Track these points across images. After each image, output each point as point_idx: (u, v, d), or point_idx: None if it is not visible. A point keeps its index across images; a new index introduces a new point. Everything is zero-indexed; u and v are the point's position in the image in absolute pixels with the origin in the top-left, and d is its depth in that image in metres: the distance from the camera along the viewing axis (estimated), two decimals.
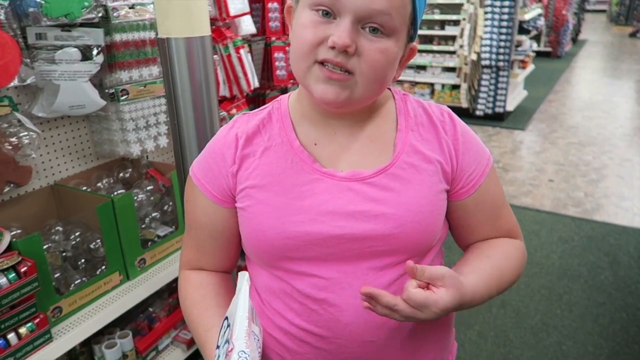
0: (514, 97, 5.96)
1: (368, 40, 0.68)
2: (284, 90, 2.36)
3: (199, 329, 0.81)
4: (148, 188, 1.72)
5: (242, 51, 1.89)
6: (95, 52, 1.42)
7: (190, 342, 1.74)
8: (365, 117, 0.80)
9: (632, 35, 13.12)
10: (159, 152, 1.93)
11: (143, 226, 1.67)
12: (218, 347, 0.68)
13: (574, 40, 11.62)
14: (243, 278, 0.68)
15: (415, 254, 0.78)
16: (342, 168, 0.77)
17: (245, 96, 2.04)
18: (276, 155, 0.78)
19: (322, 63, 0.70)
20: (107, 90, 1.52)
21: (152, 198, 1.73)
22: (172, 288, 1.84)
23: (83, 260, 1.51)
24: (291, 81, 2.36)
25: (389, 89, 0.85)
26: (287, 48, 2.30)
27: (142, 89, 1.58)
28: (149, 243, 1.65)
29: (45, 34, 1.32)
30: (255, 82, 2.00)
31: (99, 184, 1.69)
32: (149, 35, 1.56)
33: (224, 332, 0.68)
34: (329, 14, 0.69)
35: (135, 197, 1.64)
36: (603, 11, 17.76)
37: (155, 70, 1.61)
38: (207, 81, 1.33)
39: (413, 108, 0.82)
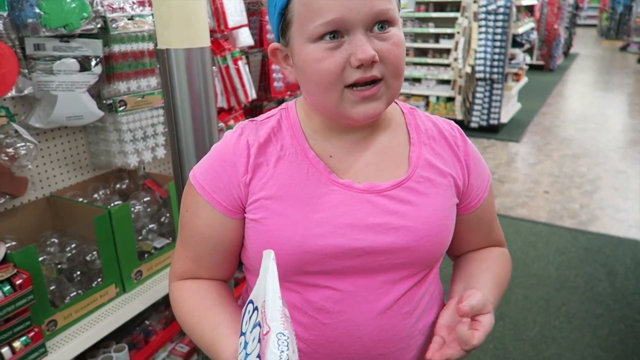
0: (508, 110, 6.00)
1: (381, 40, 0.68)
2: (281, 102, 2.36)
3: (203, 331, 0.76)
4: (145, 199, 1.70)
5: (240, 63, 1.89)
6: (93, 63, 1.41)
7: (188, 355, 1.72)
8: (378, 130, 0.80)
9: (623, 49, 13.30)
10: (156, 163, 1.92)
11: (140, 238, 1.66)
12: (243, 334, 0.63)
13: (566, 54, 11.77)
14: (269, 256, 0.62)
15: (427, 266, 0.79)
16: (359, 180, 0.76)
17: (243, 107, 2.04)
18: (291, 165, 0.76)
19: (350, 86, 0.69)
20: (105, 101, 1.52)
21: (149, 209, 1.71)
22: (168, 300, 1.81)
23: (78, 273, 1.49)
24: (288, 93, 2.37)
25: (396, 102, 0.84)
26: None
27: (140, 100, 1.57)
28: (146, 255, 1.63)
29: (43, 45, 1.32)
30: (252, 94, 2.00)
31: (95, 195, 1.67)
32: (147, 46, 1.56)
33: (250, 317, 0.62)
34: (335, 36, 0.67)
35: (132, 209, 1.63)
36: (594, 25, 18.02)
37: (153, 81, 1.61)
38: (207, 92, 1.33)
39: (422, 122, 0.83)
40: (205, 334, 0.75)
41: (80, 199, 1.60)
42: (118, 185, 1.75)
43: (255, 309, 0.62)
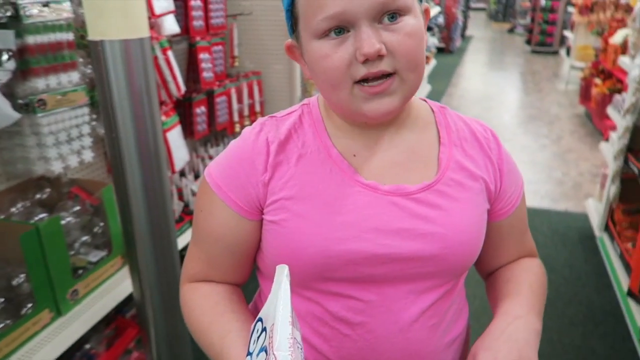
0: (421, 91, 6.23)
1: (391, 32, 0.63)
2: (211, 93, 2.23)
3: (212, 338, 0.70)
4: (74, 209, 1.52)
5: (169, 53, 1.74)
6: (5, 57, 1.21)
7: None
8: (404, 128, 0.74)
9: (510, 31, 14.36)
10: (81, 168, 1.73)
11: (72, 253, 1.48)
12: (250, 354, 0.57)
13: (463, 36, 12.45)
14: (282, 272, 0.57)
15: (455, 276, 0.75)
16: (385, 181, 0.71)
17: (174, 101, 1.89)
18: (313, 164, 0.70)
19: (360, 82, 0.64)
20: (20, 101, 1.31)
21: (79, 220, 1.53)
22: (109, 319, 1.65)
23: (2, 300, 1.30)
24: (217, 83, 2.24)
25: (426, 101, 0.80)
26: (212, 48, 2.17)
27: (61, 98, 1.39)
28: (80, 271, 1.46)
29: None
30: (183, 86, 1.86)
31: (13, 209, 1.46)
32: (66, 36, 1.37)
33: (257, 337, 0.57)
34: (341, 31, 0.63)
35: (61, 221, 1.45)
36: (483, 9, 19.28)
37: (75, 76, 1.42)
38: (148, 87, 1.20)
39: (454, 122, 0.78)
40: (214, 341, 0.69)
41: None
42: (39, 196, 1.55)
43: (264, 330, 0.56)
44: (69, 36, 1.37)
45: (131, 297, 1.51)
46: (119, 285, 1.52)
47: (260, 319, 0.59)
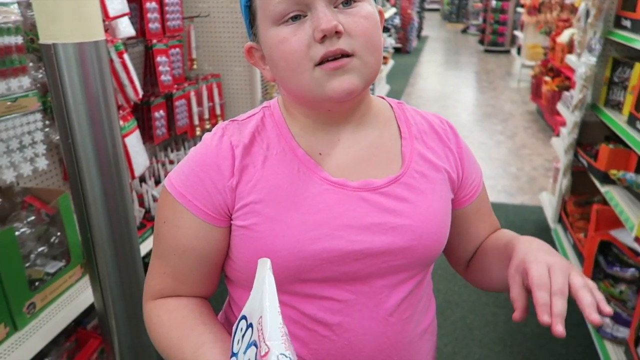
0: (380, 91, 6.31)
1: (347, 15, 0.65)
2: (169, 96, 2.19)
3: (184, 353, 0.67)
4: (28, 219, 1.46)
5: (125, 56, 1.70)
6: None
7: None
8: (365, 125, 0.75)
9: (464, 31, 14.75)
10: (34, 176, 1.67)
11: (27, 264, 1.43)
12: (234, 354, 0.56)
13: (419, 36, 12.70)
14: (265, 266, 0.56)
15: (425, 266, 0.76)
16: (352, 178, 0.71)
17: (132, 106, 1.85)
18: (280, 165, 0.70)
19: (320, 63, 0.64)
20: None
21: (34, 231, 1.48)
22: (69, 331, 1.60)
23: None
24: (176, 86, 2.20)
25: (384, 98, 0.82)
26: (169, 51, 2.13)
27: (11, 104, 1.33)
28: (37, 283, 1.41)
29: None
30: (141, 90, 1.82)
31: None
32: (15, 40, 1.32)
33: (243, 336, 0.55)
34: (298, 17, 0.64)
35: (15, 232, 1.39)
36: (437, 10, 19.73)
37: (26, 81, 1.37)
38: (105, 92, 1.17)
39: (412, 116, 0.80)
40: (186, 356, 0.66)
41: None
42: None
43: (250, 326, 0.55)
44: (18, 40, 1.32)
45: (92, 308, 1.46)
46: (78, 296, 1.47)
47: (244, 317, 0.58)
